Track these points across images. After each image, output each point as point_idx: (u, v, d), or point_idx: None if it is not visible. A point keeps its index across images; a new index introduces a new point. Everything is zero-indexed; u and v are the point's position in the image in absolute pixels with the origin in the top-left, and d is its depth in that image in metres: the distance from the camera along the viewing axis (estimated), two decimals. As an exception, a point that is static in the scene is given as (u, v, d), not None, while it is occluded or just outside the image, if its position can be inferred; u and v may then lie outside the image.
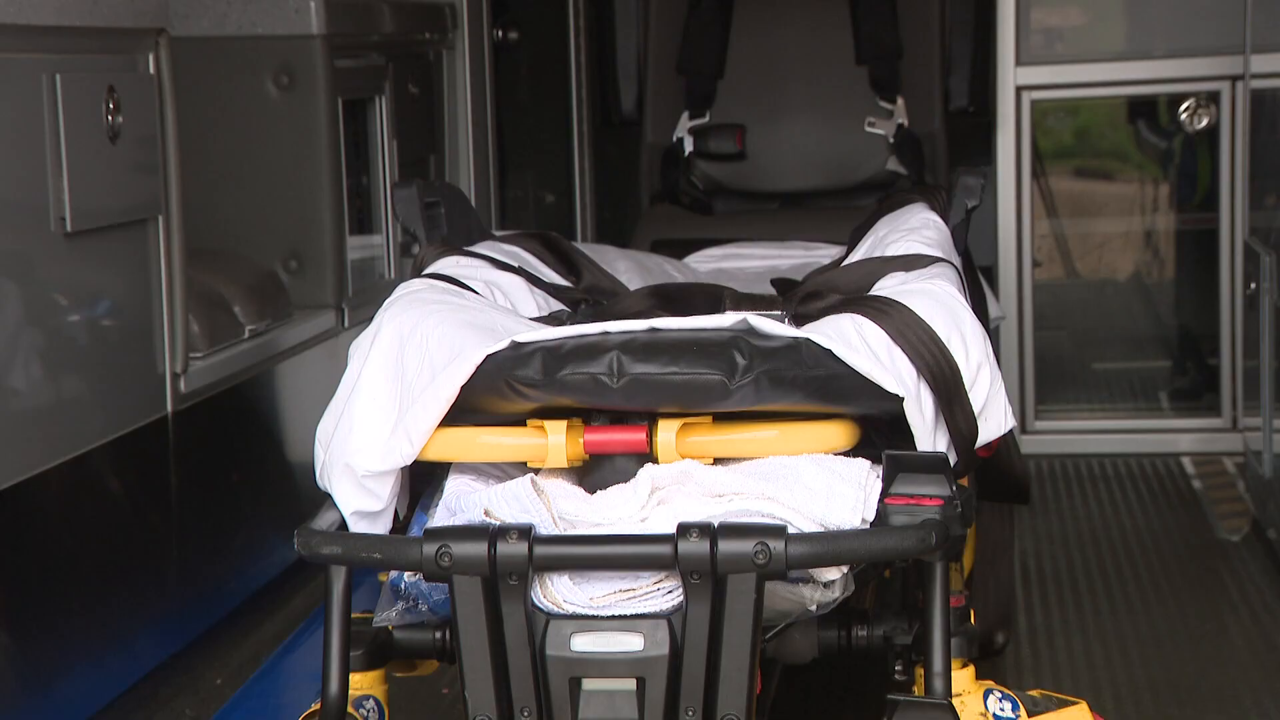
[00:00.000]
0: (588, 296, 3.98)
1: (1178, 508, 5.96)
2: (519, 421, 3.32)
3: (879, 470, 3.25)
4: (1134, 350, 6.83)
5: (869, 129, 6.19)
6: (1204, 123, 6.47)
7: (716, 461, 3.29)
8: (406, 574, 3.41)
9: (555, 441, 3.27)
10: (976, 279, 4.03)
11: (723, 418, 3.29)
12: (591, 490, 3.28)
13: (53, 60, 4.05)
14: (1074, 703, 3.51)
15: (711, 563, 3.08)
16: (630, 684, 3.13)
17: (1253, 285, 5.61)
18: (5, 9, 3.81)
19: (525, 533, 3.12)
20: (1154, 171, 6.73)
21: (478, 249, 4.01)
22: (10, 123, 3.94)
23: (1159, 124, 6.68)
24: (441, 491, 3.36)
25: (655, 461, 3.28)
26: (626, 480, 3.26)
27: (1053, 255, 6.70)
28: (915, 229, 4.14)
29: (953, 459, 3.35)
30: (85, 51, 4.21)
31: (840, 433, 3.30)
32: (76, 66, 4.13)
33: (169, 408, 4.55)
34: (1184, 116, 6.51)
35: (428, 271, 3.82)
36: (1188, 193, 6.69)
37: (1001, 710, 3.44)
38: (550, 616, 3.15)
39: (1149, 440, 6.58)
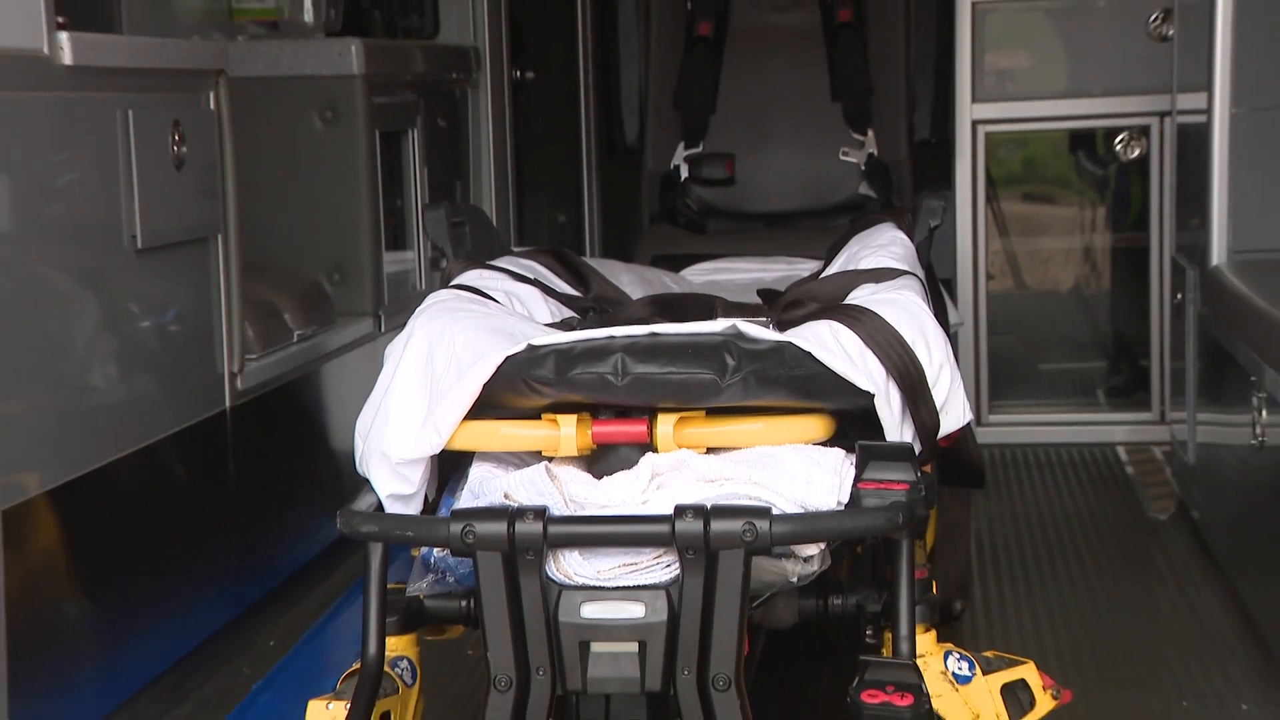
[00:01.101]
0: (595, 305, 3.98)
1: (1113, 491, 5.97)
2: (534, 415, 3.31)
3: (853, 458, 3.25)
4: (1075, 352, 6.85)
5: (843, 158, 6.21)
6: (1136, 153, 6.49)
7: (709, 451, 3.28)
8: (436, 550, 3.42)
9: (566, 433, 3.27)
10: (938, 289, 4.04)
11: (715, 412, 3.29)
12: (599, 476, 3.27)
13: (126, 98, 4.05)
14: (1023, 662, 3.51)
15: (705, 540, 3.08)
16: (633, 647, 3.13)
17: (1179, 296, 5.65)
18: (85, 54, 3.81)
19: (540, 514, 3.13)
20: (1092, 196, 6.75)
21: (498, 263, 4.00)
22: (88, 153, 3.94)
23: (1097, 154, 6.70)
24: (466, 477, 3.36)
25: (655, 451, 3.27)
26: (630, 467, 3.26)
27: (1004, 269, 6.73)
28: (884, 245, 4.14)
29: (917, 448, 3.34)
30: (154, 90, 4.21)
31: (818, 425, 3.30)
32: (146, 103, 4.13)
33: (227, 403, 4.57)
34: (1118, 147, 6.53)
35: (454, 283, 3.81)
36: (1122, 215, 6.71)
37: (960, 669, 3.43)
38: (562, 587, 3.14)
39: (1088, 432, 6.60)
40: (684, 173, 6.32)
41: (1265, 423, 4.27)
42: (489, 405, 3.27)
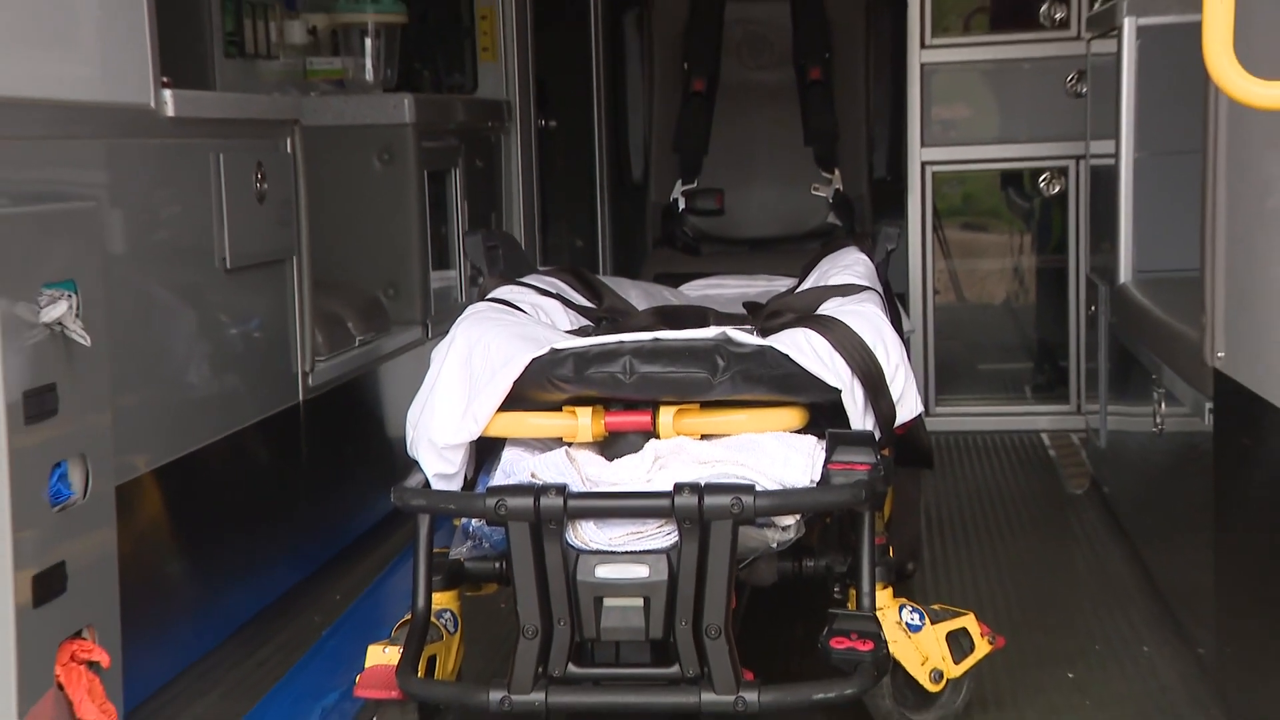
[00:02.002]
0: (607, 315, 3.99)
1: (1038, 470, 5.98)
2: (556, 408, 3.34)
3: (823, 444, 3.28)
4: (1007, 355, 6.86)
5: (814, 192, 6.21)
6: (1056, 189, 6.50)
7: (703, 437, 3.30)
8: (474, 520, 3.46)
9: (583, 423, 3.30)
10: (894, 302, 4.05)
11: (708, 405, 3.31)
12: (610, 458, 3.30)
13: (217, 143, 4.07)
14: (964, 614, 3.57)
15: (699, 512, 3.11)
16: (639, 601, 3.16)
17: (1092, 308, 5.66)
18: (184, 107, 3.82)
19: (561, 490, 3.16)
20: (1020, 225, 6.75)
21: (526, 280, 4.03)
22: (187, 189, 3.96)
23: (1024, 190, 6.71)
24: (499, 459, 3.38)
25: (657, 437, 3.30)
26: (636, 451, 3.28)
27: (948, 286, 6.73)
28: (849, 265, 4.16)
29: (877, 435, 3.36)
30: (241, 137, 4.24)
31: (794, 416, 3.33)
32: (234, 148, 4.16)
33: (300, 397, 4.59)
34: (1042, 184, 6.55)
35: (489, 296, 3.83)
36: (1045, 240, 6.71)
37: (912, 620, 3.48)
38: (580, 552, 3.18)
39: (1017, 421, 6.59)
40: (681, 204, 6.32)
41: (1164, 413, 4.26)
42: (518, 399, 3.31)
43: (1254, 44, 2.76)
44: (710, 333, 3.36)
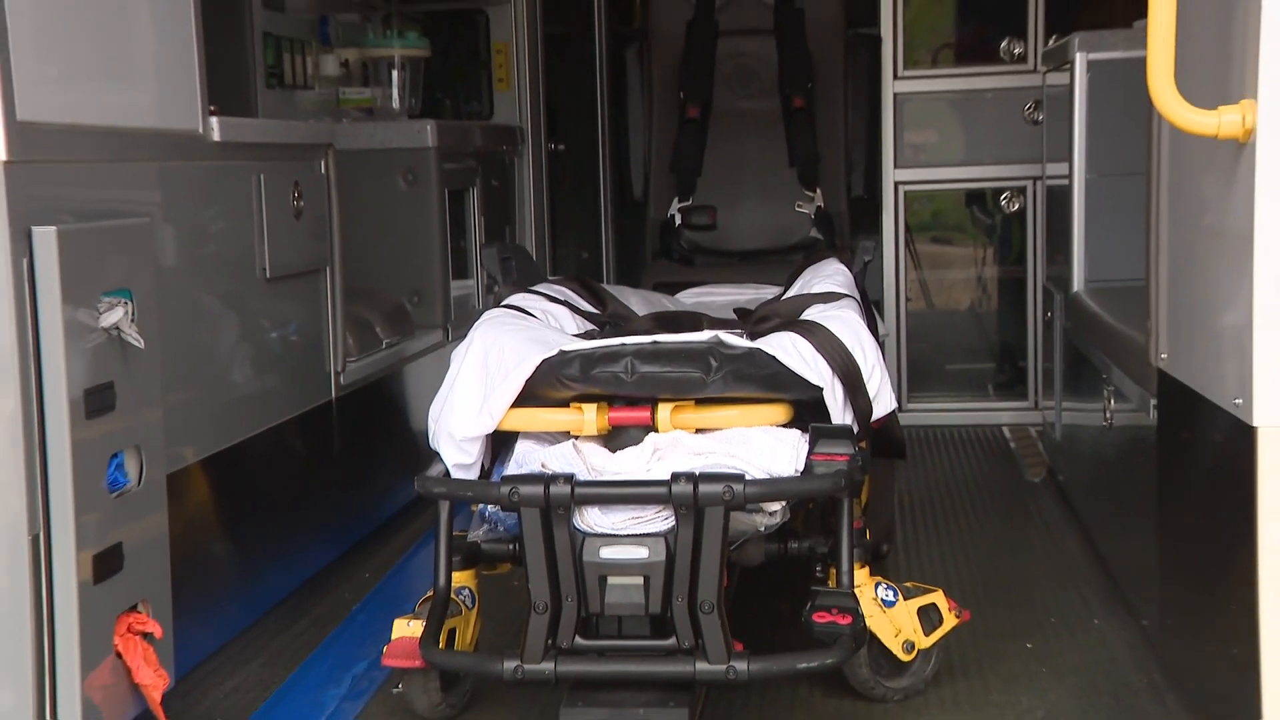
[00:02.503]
0: (610, 320, 4.00)
1: (999, 460, 5.97)
2: (564, 404, 3.33)
3: (806, 437, 3.28)
4: (971, 356, 6.84)
5: (797, 209, 6.21)
6: (1016, 207, 6.51)
7: (698, 431, 3.30)
8: (490, 506, 3.44)
9: (589, 418, 3.30)
10: (870, 309, 4.06)
11: (702, 401, 3.31)
12: (613, 450, 3.30)
13: (258, 165, 4.06)
14: (933, 590, 3.57)
15: (694, 499, 3.11)
16: (639, 580, 3.16)
17: (1048, 314, 5.66)
18: (229, 132, 3.81)
19: (569, 479, 3.17)
20: (983, 239, 6.76)
21: (537, 288, 4.03)
22: (231, 206, 3.95)
23: (986, 207, 6.71)
24: (512, 451, 3.38)
25: (656, 431, 3.30)
26: (637, 444, 3.29)
27: (919, 294, 6.73)
28: (830, 275, 4.17)
29: (855, 429, 3.36)
30: (280, 159, 4.22)
31: (780, 412, 3.33)
32: (274, 169, 4.14)
33: (333, 394, 4.57)
34: (1003, 202, 6.55)
35: (504, 303, 3.83)
36: (1005, 253, 6.71)
37: (886, 596, 3.48)
38: (586, 535, 3.18)
39: (981, 416, 6.59)
40: (678, 220, 6.31)
41: (1113, 409, 4.27)
42: (530, 396, 3.31)
43: (1191, 77, 2.77)
44: (704, 336, 3.36)
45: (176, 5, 3.58)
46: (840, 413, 3.34)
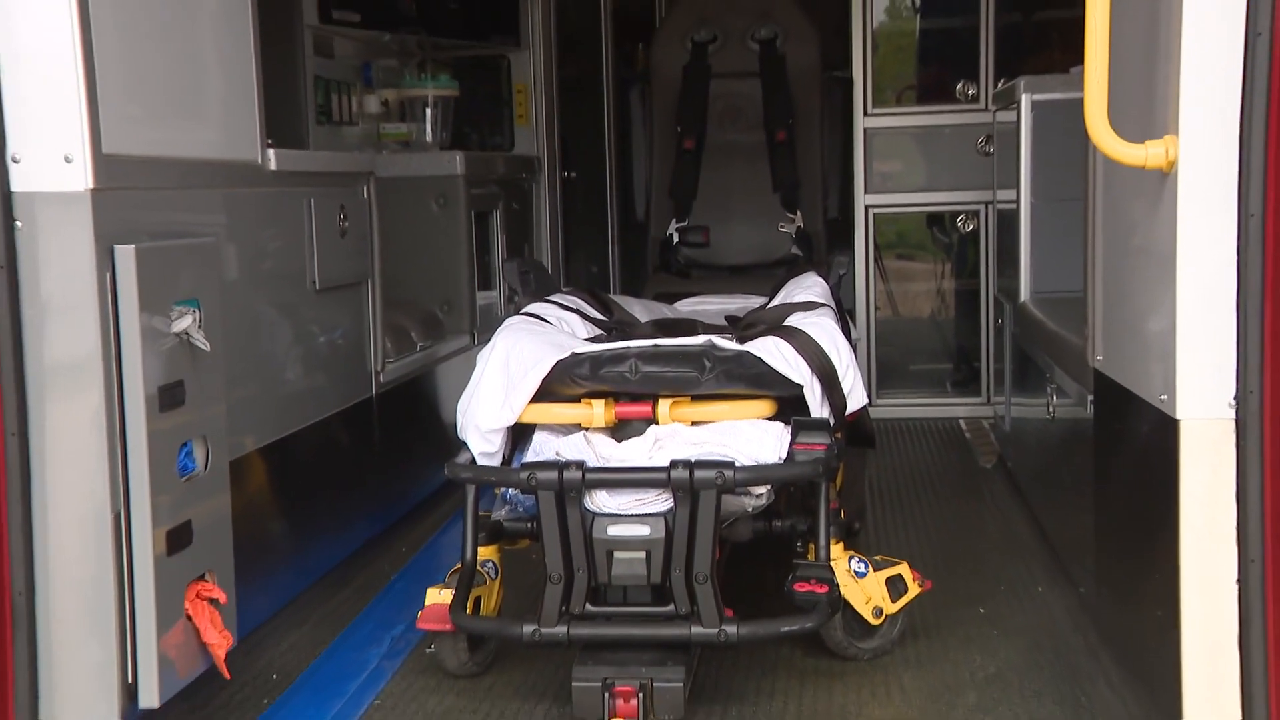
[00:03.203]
0: (617, 326, 3.98)
1: (956, 449, 5.96)
2: (576, 400, 3.33)
3: (789, 429, 3.27)
4: (932, 358, 6.82)
5: (780, 229, 6.20)
6: (970, 227, 6.50)
7: (694, 424, 3.29)
8: (511, 489, 3.44)
9: (598, 412, 3.30)
10: (844, 316, 4.04)
11: (697, 397, 3.30)
12: (619, 440, 3.29)
13: (309, 190, 4.04)
14: (899, 563, 3.57)
15: (690, 484, 3.11)
16: (642, 554, 3.16)
17: (999, 321, 5.64)
18: (284, 162, 3.80)
19: (580, 466, 3.17)
20: (942, 255, 6.73)
21: (552, 298, 4.03)
22: (285, 227, 3.93)
23: (945, 228, 6.69)
24: (530, 441, 3.38)
25: (657, 423, 3.29)
26: (640, 435, 3.28)
27: (886, 303, 6.71)
28: (809, 287, 4.16)
29: (831, 422, 3.36)
30: (327, 185, 4.21)
31: (766, 406, 3.32)
32: (322, 194, 4.13)
33: (373, 391, 4.55)
34: (959, 223, 6.54)
35: (523, 311, 3.82)
36: (961, 267, 6.68)
37: (858, 568, 3.47)
38: (595, 515, 3.18)
39: (940, 410, 6.56)
40: (675, 238, 6.30)
41: (1055, 404, 4.26)
42: (546, 393, 3.31)
43: (1122, 115, 2.78)
44: (699, 340, 3.35)
45: (239, 52, 3.59)
46: (818, 407, 3.33)
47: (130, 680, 2.90)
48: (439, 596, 3.37)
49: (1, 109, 2.73)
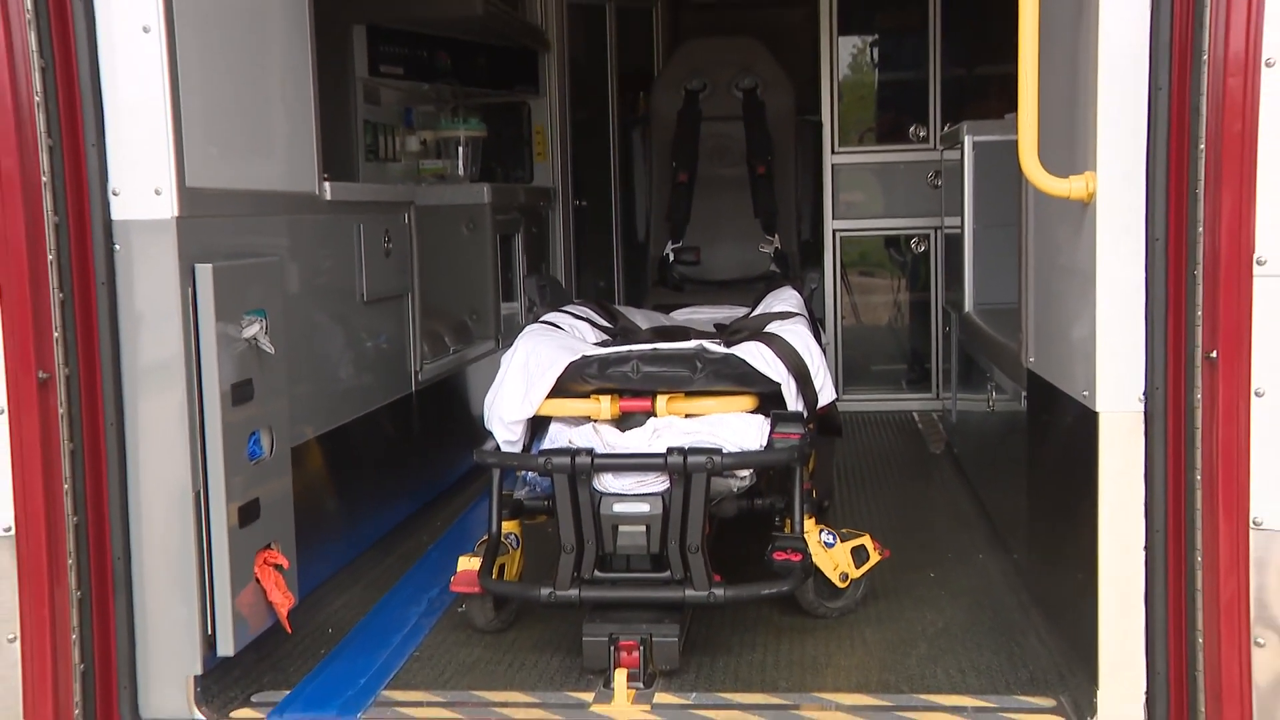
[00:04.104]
0: (621, 332, 3.95)
1: (911, 438, 5.93)
2: (586, 395, 3.30)
3: (769, 420, 3.25)
4: (890, 360, 6.77)
5: (761, 249, 6.16)
6: (922, 249, 6.48)
7: (687, 416, 3.27)
8: (530, 472, 3.40)
9: (605, 406, 3.27)
10: (815, 324, 4.01)
11: (690, 394, 3.28)
12: (623, 430, 3.27)
13: (358, 217, 4.02)
14: (862, 534, 3.54)
15: (684, 468, 3.09)
16: (643, 528, 3.15)
17: (946, 328, 5.62)
18: (338, 193, 3.79)
19: (590, 453, 3.14)
20: (898, 273, 6.70)
21: (566, 308, 3.98)
22: (338, 248, 3.92)
23: (900, 249, 6.66)
24: (547, 431, 3.35)
25: (655, 416, 3.27)
26: (641, 426, 3.26)
27: (851, 313, 6.67)
28: (785, 299, 4.14)
29: (805, 415, 3.34)
30: (374, 213, 4.18)
31: (749, 402, 3.30)
32: (370, 221, 4.10)
33: (413, 388, 4.52)
34: (912, 245, 6.51)
35: (541, 319, 3.79)
36: (915, 282, 6.64)
37: (827, 539, 3.45)
38: (602, 494, 3.16)
39: (897, 404, 6.54)
40: (671, 257, 6.26)
41: (994, 399, 4.25)
42: (560, 390, 3.28)
43: (1049, 154, 2.78)
44: (691, 344, 3.34)
45: (301, 100, 3.59)
46: (793, 402, 3.32)
47: (210, 632, 2.91)
48: (469, 564, 3.35)
49: (105, 151, 2.74)
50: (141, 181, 2.77)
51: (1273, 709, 2.50)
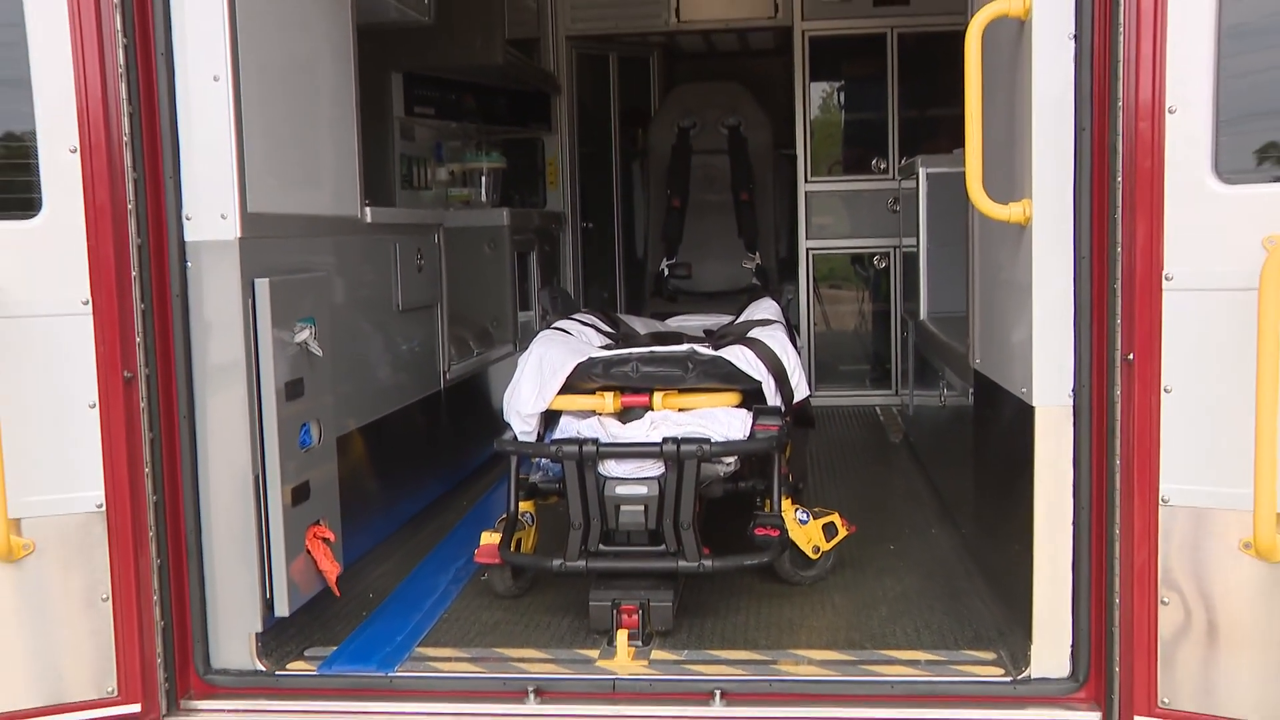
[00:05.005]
0: (622, 337, 3.93)
1: (873, 429, 5.89)
2: (592, 392, 3.30)
3: (751, 414, 3.24)
4: (855, 360, 6.71)
5: (744, 265, 6.16)
6: (883, 265, 6.43)
7: (680, 410, 3.26)
8: (544, 459, 3.39)
9: (608, 401, 3.26)
10: (791, 330, 3.99)
11: (683, 390, 3.27)
12: (624, 423, 3.26)
13: (394, 238, 4.00)
14: (832, 512, 3.53)
15: (678, 455, 3.08)
16: (641, 508, 3.14)
17: (905, 334, 5.60)
18: (377, 217, 3.78)
19: (595, 442, 3.13)
20: (863, 285, 6.64)
21: (575, 316, 3.97)
22: (377, 265, 3.89)
23: (865, 265, 6.60)
24: (558, 423, 3.34)
25: (653, 410, 3.26)
26: (640, 419, 3.25)
27: (822, 321, 6.62)
28: (765, 308, 4.13)
29: (783, 409, 3.33)
30: (409, 234, 4.16)
31: (734, 397, 3.29)
32: (405, 241, 4.09)
33: (441, 386, 4.49)
34: (875, 262, 6.47)
35: (553, 326, 3.79)
36: (877, 294, 6.58)
37: (802, 517, 3.43)
38: (606, 478, 3.15)
39: (862, 399, 6.50)
40: (666, 272, 6.26)
41: (945, 395, 4.25)
42: (569, 387, 3.27)
43: (992, 183, 2.80)
44: (684, 348, 3.34)
45: (346, 137, 3.59)
46: (773, 398, 3.32)
47: (268, 596, 2.93)
48: (491, 538, 3.35)
49: (180, 183, 2.77)
50: (210, 208, 2.79)
51: (1174, 655, 2.53)
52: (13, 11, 2.54)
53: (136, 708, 2.73)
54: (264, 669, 2.91)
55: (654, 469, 3.14)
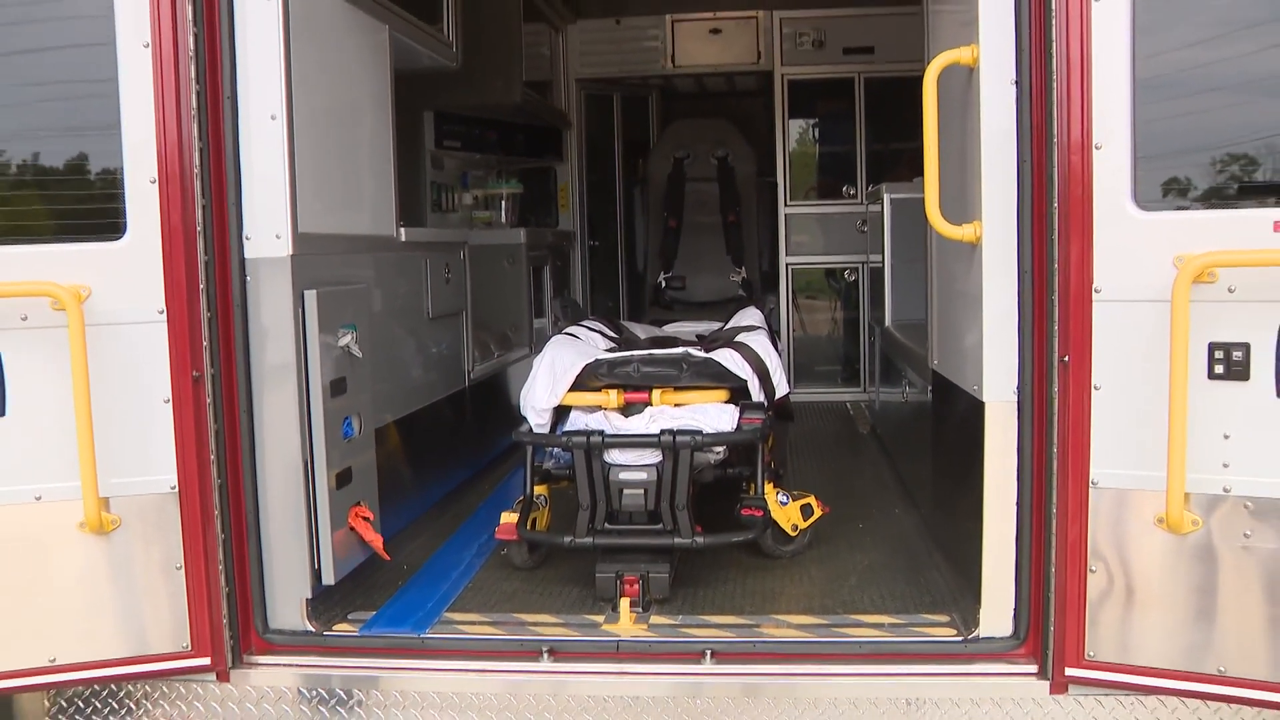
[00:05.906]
0: (625, 341, 3.93)
1: (844, 421, 5.87)
2: (598, 390, 3.30)
3: (738, 409, 3.25)
4: (829, 362, 6.68)
5: (731, 278, 6.18)
6: (853, 278, 6.41)
7: (676, 405, 3.27)
8: (556, 449, 3.39)
9: (613, 398, 3.27)
10: (773, 335, 3.98)
11: (679, 388, 3.28)
12: (626, 416, 3.27)
13: (425, 255, 3.99)
14: (808, 495, 3.53)
15: (674, 445, 3.09)
16: (641, 491, 3.14)
17: (872, 338, 5.59)
18: (411, 236, 3.77)
19: (601, 434, 3.14)
20: (835, 297, 6.62)
21: (583, 323, 3.97)
22: (411, 278, 3.89)
23: (837, 279, 6.58)
24: (568, 417, 3.35)
25: (651, 405, 3.27)
26: (640, 413, 3.26)
27: (800, 327, 6.60)
28: (750, 316, 4.13)
29: (766, 405, 3.33)
30: (438, 251, 4.15)
31: (723, 394, 3.30)
32: (435, 257, 4.08)
33: (466, 384, 4.48)
34: (846, 276, 6.45)
35: (564, 331, 3.79)
36: (848, 303, 6.55)
37: (782, 499, 3.43)
38: (611, 465, 3.15)
39: (835, 396, 6.47)
40: (663, 284, 6.29)
41: (907, 392, 4.25)
42: (578, 385, 3.27)
43: (948, 206, 2.81)
44: (679, 350, 3.35)
45: (383, 167, 3.60)
46: (757, 395, 3.32)
47: (316, 566, 2.95)
48: (509, 517, 3.35)
49: (241, 208, 2.80)
50: (266, 229, 2.82)
51: (1098, 615, 2.57)
52: (109, 67, 2.60)
53: (206, 660, 2.78)
54: (313, 630, 2.93)
55: (653, 457, 3.15)
